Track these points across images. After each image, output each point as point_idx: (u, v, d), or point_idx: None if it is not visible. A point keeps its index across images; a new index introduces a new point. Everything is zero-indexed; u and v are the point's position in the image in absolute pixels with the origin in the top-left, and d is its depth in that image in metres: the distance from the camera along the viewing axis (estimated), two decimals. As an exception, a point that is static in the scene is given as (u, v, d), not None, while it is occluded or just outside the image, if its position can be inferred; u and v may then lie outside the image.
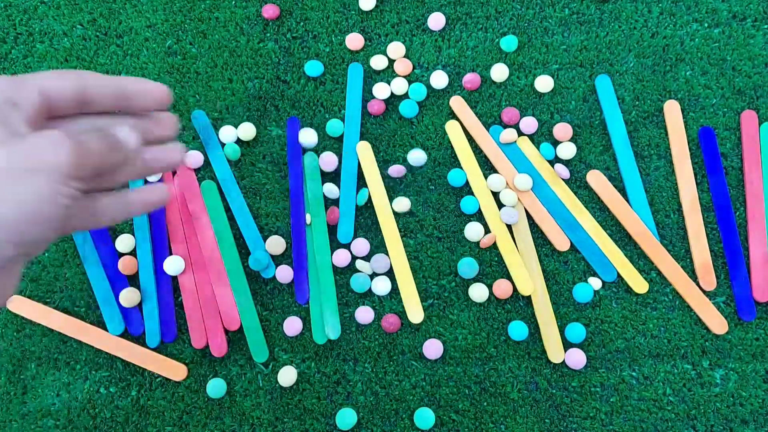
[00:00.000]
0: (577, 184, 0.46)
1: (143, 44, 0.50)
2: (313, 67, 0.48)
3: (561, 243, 0.45)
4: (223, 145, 0.48)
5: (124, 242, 0.46)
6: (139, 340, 0.45)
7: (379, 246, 0.46)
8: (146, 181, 0.47)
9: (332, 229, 0.46)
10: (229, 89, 0.49)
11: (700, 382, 0.43)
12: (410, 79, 0.49)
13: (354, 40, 0.49)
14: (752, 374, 0.43)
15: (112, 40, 0.50)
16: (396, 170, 0.46)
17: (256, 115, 0.48)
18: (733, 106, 0.47)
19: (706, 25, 0.48)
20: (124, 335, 0.45)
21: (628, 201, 0.46)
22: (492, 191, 0.46)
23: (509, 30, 0.49)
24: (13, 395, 0.45)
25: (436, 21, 0.49)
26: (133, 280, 0.46)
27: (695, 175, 0.46)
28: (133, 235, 0.46)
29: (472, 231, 0.45)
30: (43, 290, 0.46)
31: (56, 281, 0.46)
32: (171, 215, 0.47)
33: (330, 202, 0.47)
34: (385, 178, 0.47)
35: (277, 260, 0.46)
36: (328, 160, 0.47)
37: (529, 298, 0.45)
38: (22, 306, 0.45)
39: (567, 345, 0.44)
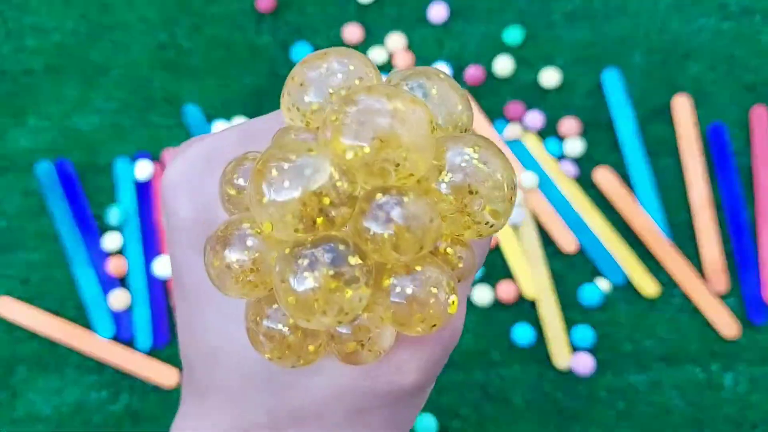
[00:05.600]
0: (585, 181, 0.46)
1: (136, 38, 0.49)
2: (301, 53, 0.48)
3: (568, 243, 0.44)
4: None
5: (111, 241, 0.45)
6: (131, 343, 0.45)
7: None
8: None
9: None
10: (224, 85, 0.48)
11: (709, 386, 0.43)
12: (411, 74, 0.48)
13: (352, 33, 0.48)
14: (762, 378, 0.43)
15: (104, 35, 0.50)
16: None
17: (252, 111, 0.48)
18: (742, 103, 0.46)
19: (714, 20, 0.48)
20: (115, 339, 0.44)
21: (636, 199, 0.45)
22: (495, 190, 0.46)
23: (513, 23, 0.49)
24: (2, 400, 0.44)
25: (438, 13, 0.48)
26: (124, 282, 0.45)
27: (705, 172, 0.46)
28: (122, 234, 0.46)
29: None
30: (32, 292, 0.45)
31: (46, 282, 0.45)
32: (161, 214, 0.46)
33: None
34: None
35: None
36: None
37: (534, 300, 0.44)
38: (10, 308, 0.45)
39: (573, 349, 0.43)
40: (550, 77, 0.47)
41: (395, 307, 0.16)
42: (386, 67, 0.49)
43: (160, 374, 0.43)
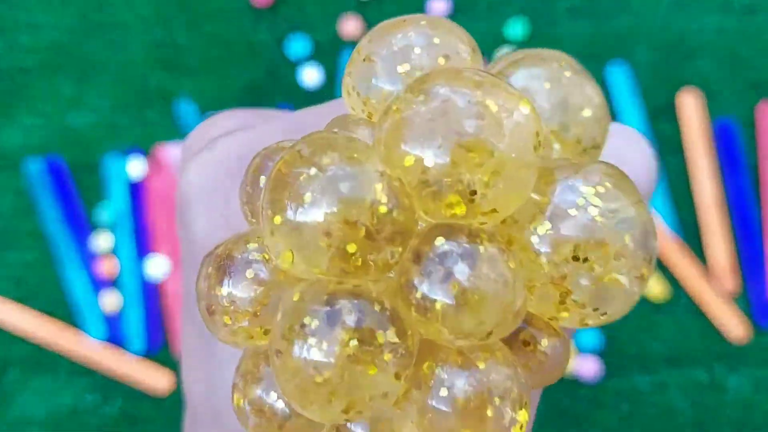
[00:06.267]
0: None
1: (132, 36, 0.49)
2: (296, 48, 0.47)
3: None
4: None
5: (102, 241, 0.45)
6: (123, 346, 0.44)
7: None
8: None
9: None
10: (221, 82, 0.48)
11: (713, 388, 0.42)
12: (411, 71, 0.48)
13: (350, 28, 0.48)
14: (767, 381, 0.42)
15: (100, 32, 0.49)
16: None
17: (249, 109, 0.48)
18: (747, 100, 0.46)
19: (717, 17, 0.47)
20: (109, 341, 0.44)
21: (640, 199, 0.45)
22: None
23: (515, 18, 0.48)
24: (-7, 403, 0.43)
25: (439, 9, 0.48)
26: (117, 284, 0.45)
27: (712, 170, 0.45)
28: (113, 233, 0.45)
29: None
30: (26, 292, 0.45)
31: (40, 283, 0.45)
32: (154, 214, 0.45)
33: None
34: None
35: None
36: None
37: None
38: (1, 309, 0.44)
39: (579, 352, 0.43)
40: (552, 74, 0.46)
41: (434, 414, 0.10)
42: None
43: (153, 378, 0.43)
